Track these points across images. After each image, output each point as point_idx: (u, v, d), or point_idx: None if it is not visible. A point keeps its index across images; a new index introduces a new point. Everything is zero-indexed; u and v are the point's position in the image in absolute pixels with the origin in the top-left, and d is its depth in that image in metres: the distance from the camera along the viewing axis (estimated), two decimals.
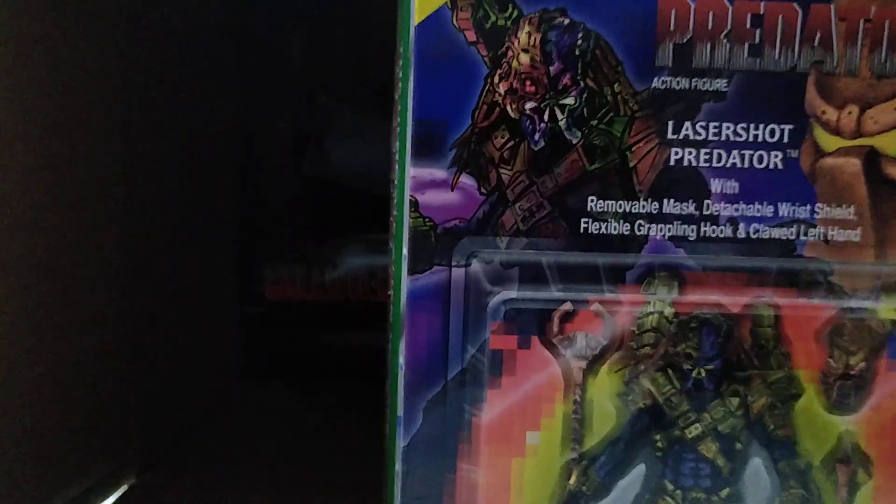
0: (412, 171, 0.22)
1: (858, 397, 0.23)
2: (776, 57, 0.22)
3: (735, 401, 0.23)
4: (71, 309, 0.29)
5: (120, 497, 0.32)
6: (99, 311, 0.31)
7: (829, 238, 0.22)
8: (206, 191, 0.40)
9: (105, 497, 0.31)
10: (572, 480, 0.23)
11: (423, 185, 0.22)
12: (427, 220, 0.22)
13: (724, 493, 0.23)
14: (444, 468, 0.23)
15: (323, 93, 0.40)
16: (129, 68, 0.32)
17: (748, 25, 0.22)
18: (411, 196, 0.22)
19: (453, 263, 0.22)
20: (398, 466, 0.23)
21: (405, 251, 0.22)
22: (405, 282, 0.22)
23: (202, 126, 0.39)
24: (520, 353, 0.22)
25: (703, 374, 0.23)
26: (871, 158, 0.22)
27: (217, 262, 0.42)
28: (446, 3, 0.21)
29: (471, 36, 0.21)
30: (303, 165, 0.45)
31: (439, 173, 0.22)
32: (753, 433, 0.23)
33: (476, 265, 0.22)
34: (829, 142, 0.22)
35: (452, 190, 0.22)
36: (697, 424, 0.23)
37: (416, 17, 0.21)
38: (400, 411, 0.22)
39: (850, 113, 0.22)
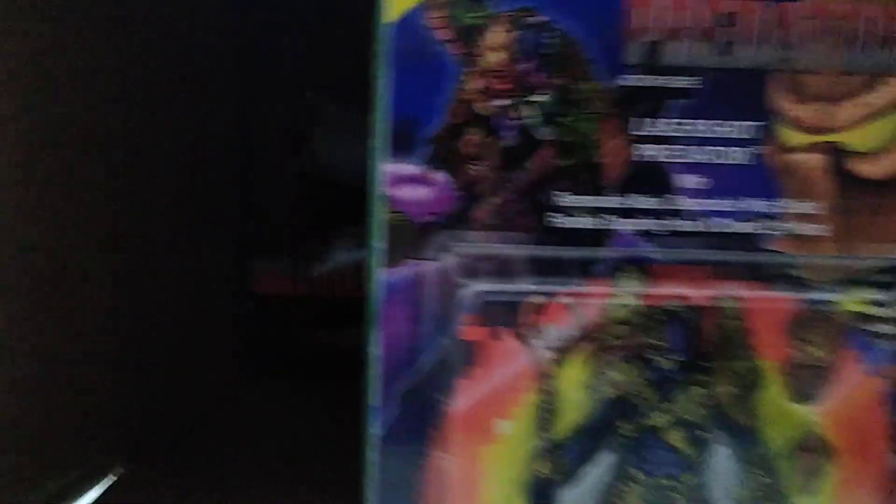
0: (387, 167, 0.22)
1: (822, 387, 0.24)
2: (743, 55, 0.22)
3: (701, 391, 0.24)
4: (59, 302, 0.30)
5: (108, 487, 0.33)
6: (87, 305, 0.31)
7: (794, 232, 0.23)
8: (196, 186, 0.41)
9: (92, 487, 0.32)
10: (542, 468, 0.24)
11: (398, 181, 0.22)
12: (401, 214, 0.22)
13: (693, 480, 0.24)
14: (418, 456, 0.23)
15: (311, 90, 0.41)
16: (122, 65, 0.32)
17: (716, 24, 0.22)
18: (386, 191, 0.22)
19: (427, 257, 0.23)
20: (372, 455, 0.23)
21: (381, 245, 0.23)
22: (380, 275, 0.23)
23: (193, 123, 0.40)
24: (491, 344, 0.23)
25: (670, 364, 0.23)
26: (836, 154, 0.23)
27: (206, 257, 0.43)
28: (419, 2, 0.22)
29: (443, 35, 0.22)
30: (293, 162, 0.45)
31: (413, 169, 0.22)
32: (719, 422, 0.24)
33: (449, 259, 0.23)
34: (794, 138, 0.23)
35: (426, 185, 0.22)
36: (664, 414, 0.24)
37: (390, 16, 0.22)
38: (374, 401, 0.23)
39: (815, 109, 0.22)
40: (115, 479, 0.34)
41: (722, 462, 0.24)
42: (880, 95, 0.23)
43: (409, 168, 0.22)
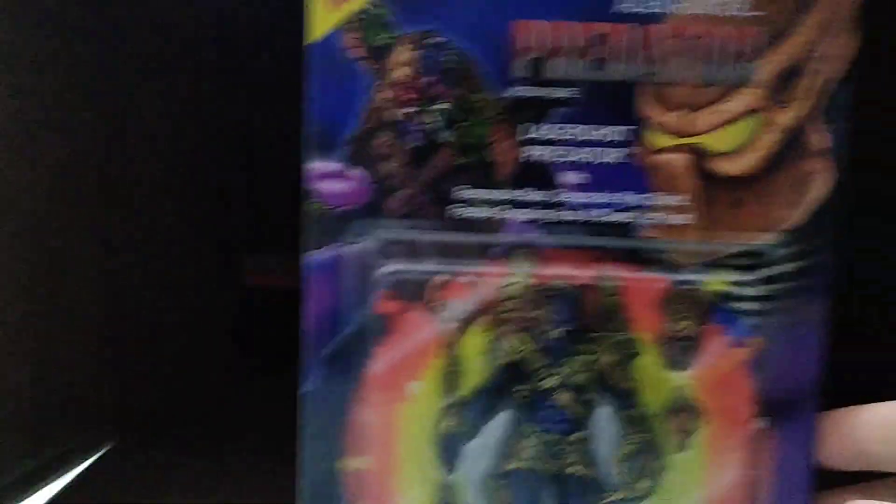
0: (310, 165, 0.26)
1: (690, 356, 0.27)
2: (614, 69, 0.26)
3: (586, 358, 0.27)
4: (54, 284, 0.33)
5: (97, 460, 0.36)
6: (83, 291, 0.35)
7: (663, 222, 0.27)
8: (191, 180, 0.44)
9: (83, 460, 0.36)
10: (446, 423, 0.28)
11: (321, 176, 0.26)
12: (322, 204, 0.27)
13: (576, 436, 0.28)
14: (340, 411, 0.27)
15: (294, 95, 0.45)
16: (118, 58, 0.35)
17: (590, 44, 0.26)
18: (309, 185, 0.26)
19: (346, 241, 0.27)
20: (302, 412, 0.28)
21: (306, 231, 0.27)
22: (307, 257, 0.27)
23: (188, 118, 0.43)
24: (403, 316, 0.27)
25: (557, 335, 0.27)
26: (698, 154, 0.26)
27: (198, 248, 0.47)
28: (336, 26, 0.26)
29: (357, 53, 0.26)
30: (280, 158, 0.50)
31: (333, 166, 0.26)
32: (603, 386, 0.28)
33: (365, 242, 0.27)
34: (661, 140, 0.26)
35: (345, 180, 0.27)
36: (555, 377, 0.28)
37: (313, 36, 0.26)
38: (303, 365, 0.27)
39: (678, 116, 0.26)
40: (105, 452, 0.37)
41: (605, 421, 0.28)
42: (735, 104, 0.26)
43: (330, 165, 0.26)
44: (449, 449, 0.28)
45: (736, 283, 0.27)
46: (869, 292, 0.40)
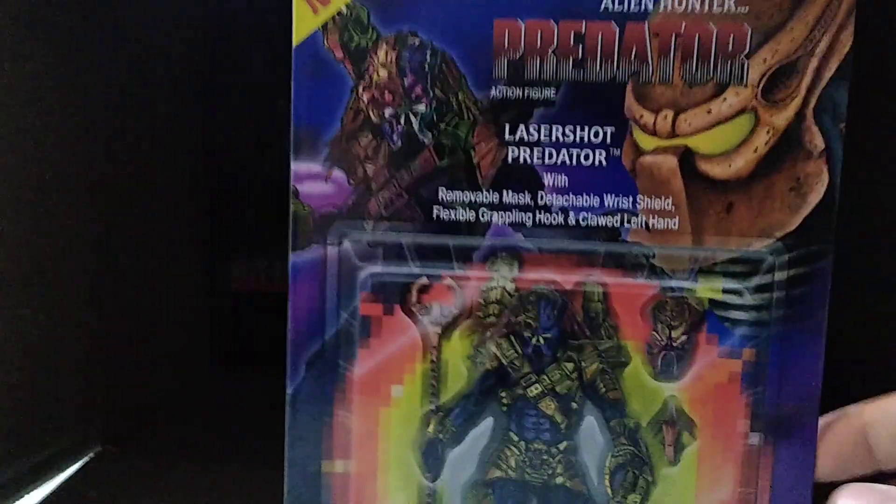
0: (294, 166, 0.27)
1: (681, 367, 0.26)
2: (598, 69, 0.26)
3: (570, 365, 0.27)
4: (42, 290, 0.33)
5: (85, 464, 0.36)
6: (71, 297, 0.35)
7: (649, 226, 0.26)
8: (174, 186, 0.45)
9: (70, 464, 0.36)
10: (431, 428, 0.27)
11: (303, 177, 0.27)
12: (306, 206, 0.27)
13: (563, 445, 0.27)
14: (324, 414, 0.27)
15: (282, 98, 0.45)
16: (95, 72, 0.36)
17: (572, 43, 0.26)
18: (293, 186, 0.27)
19: (328, 242, 0.27)
20: (286, 413, 0.28)
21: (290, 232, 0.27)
22: (291, 258, 0.27)
23: (170, 125, 0.44)
24: (385, 318, 0.27)
25: (542, 341, 0.27)
26: (686, 156, 0.26)
27: (185, 254, 0.47)
28: (318, 28, 0.26)
29: (339, 54, 0.26)
30: (264, 164, 0.50)
31: (316, 167, 0.27)
32: (587, 394, 0.27)
33: (347, 244, 0.27)
34: (647, 142, 0.26)
35: (327, 181, 0.27)
36: (537, 385, 0.27)
37: (296, 39, 0.26)
38: (288, 366, 0.27)
39: (665, 117, 0.25)
40: (91, 456, 0.37)
41: (591, 430, 0.27)
42: (724, 104, 0.25)
43: (313, 166, 0.27)
44: (432, 455, 0.28)
45: (728, 292, 0.26)
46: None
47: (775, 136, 0.25)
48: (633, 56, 0.25)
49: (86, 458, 0.37)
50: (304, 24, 0.26)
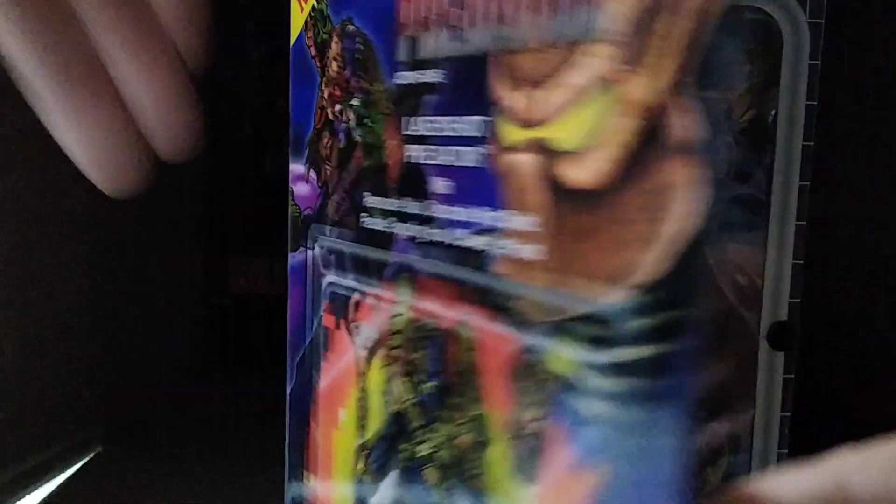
0: (291, 166, 0.27)
1: (536, 464, 0.18)
2: (471, 39, 0.19)
3: (448, 428, 0.21)
4: (37, 295, 0.33)
5: (86, 464, 0.37)
6: (66, 297, 0.35)
7: (512, 253, 0.19)
8: (173, 189, 0.43)
9: (72, 464, 0.37)
10: (360, 465, 0.24)
11: (295, 178, 0.27)
12: (297, 207, 0.27)
13: None
14: (305, 422, 0.27)
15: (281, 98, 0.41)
16: None
17: (449, 6, 0.20)
18: (291, 187, 0.27)
19: (309, 246, 0.26)
20: (286, 413, 0.28)
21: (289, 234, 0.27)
22: (289, 260, 0.27)
23: None
24: (336, 332, 0.25)
25: (429, 389, 0.21)
26: (545, 154, 0.18)
27: (184, 256, 0.45)
28: (303, 26, 0.26)
29: (312, 51, 0.26)
30: (264, 165, 0.46)
31: (300, 168, 0.26)
32: (460, 473, 0.20)
33: (316, 249, 0.26)
34: (511, 133, 0.18)
35: (306, 182, 0.26)
36: (427, 444, 0.22)
37: (292, 38, 0.26)
38: (288, 365, 0.28)
39: (524, 95, 0.18)
40: (91, 457, 0.37)
41: None
42: (580, 72, 0.17)
43: (299, 167, 0.27)
44: (361, 494, 0.24)
45: (585, 365, 0.17)
46: None
47: (638, 119, 0.15)
48: (498, 16, 0.19)
49: (86, 459, 0.38)
50: (295, 22, 0.26)
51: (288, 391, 0.27)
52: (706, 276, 0.15)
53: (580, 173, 0.17)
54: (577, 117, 0.17)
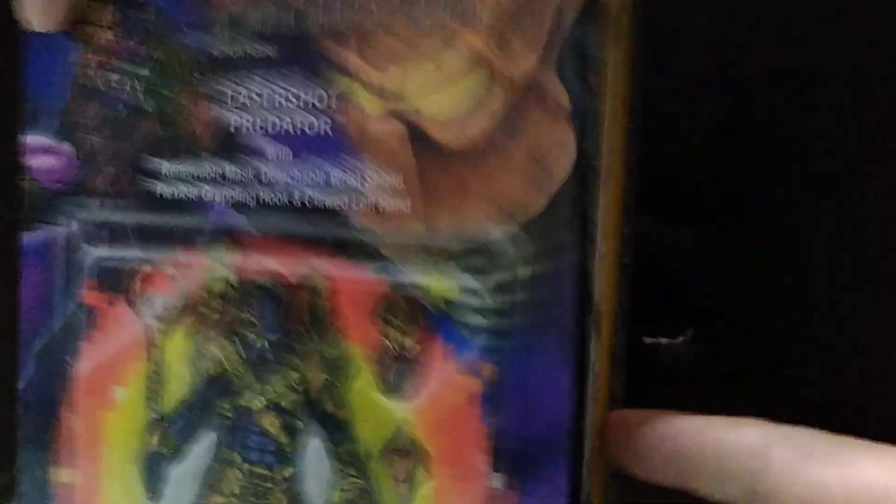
0: (24, 138, 0.25)
1: (413, 383, 0.22)
2: (318, 17, 0.22)
3: (295, 375, 0.23)
4: None
5: None
6: None
7: (379, 208, 0.22)
8: None
9: None
10: (153, 440, 0.25)
11: (33, 151, 0.25)
12: (36, 182, 0.25)
13: (287, 472, 0.23)
14: (51, 415, 0.25)
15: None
16: None
17: None
18: (24, 160, 0.25)
19: (55, 222, 0.25)
20: (19, 408, 0.26)
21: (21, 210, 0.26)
22: (21, 239, 0.26)
23: None
24: (109, 309, 0.25)
25: (266, 344, 0.23)
26: (415, 121, 0.22)
27: None
28: None
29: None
30: None
31: (45, 140, 0.25)
32: (312, 412, 0.23)
33: (73, 224, 0.25)
34: (373, 105, 0.22)
35: (55, 155, 0.25)
36: (261, 397, 0.24)
37: None
38: (19, 359, 0.26)
39: (389, 73, 0.22)
40: None
41: (315, 456, 0.23)
42: (451, 56, 0.21)
43: (40, 139, 0.25)
44: (154, 471, 0.25)
45: (465, 291, 0.22)
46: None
47: (513, 94, 0.21)
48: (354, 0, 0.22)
49: None
50: None
51: (21, 384, 0.26)
52: (574, 212, 0.21)
53: (453, 138, 0.21)
54: (449, 92, 0.21)
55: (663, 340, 0.29)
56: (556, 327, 0.21)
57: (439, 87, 0.21)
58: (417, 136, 0.22)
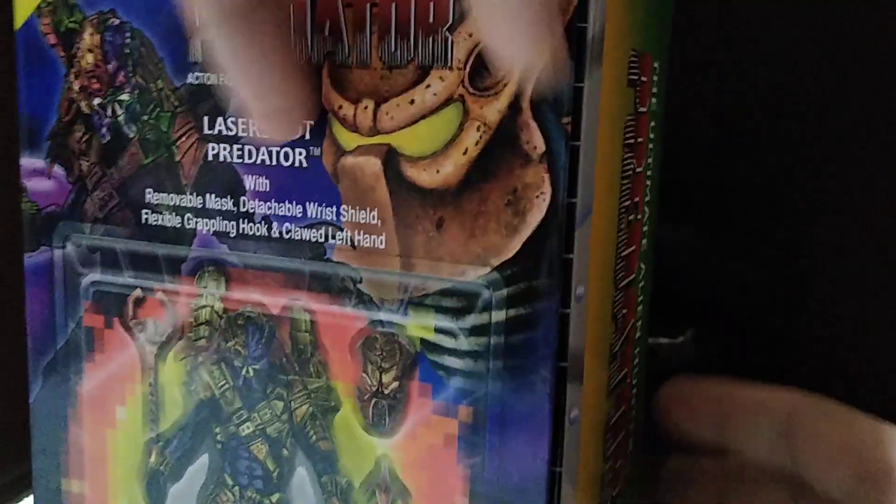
0: (21, 161, 0.26)
1: (393, 420, 0.22)
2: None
3: (280, 404, 0.23)
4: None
5: None
6: None
7: (355, 243, 0.22)
8: None
9: None
10: (152, 459, 0.25)
11: (29, 174, 0.26)
12: (34, 204, 0.26)
13: (275, 497, 0.24)
14: (60, 428, 0.26)
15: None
16: None
17: None
18: (23, 182, 0.26)
19: (54, 245, 0.26)
20: (31, 423, 0.27)
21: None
22: (25, 259, 0.26)
23: None
24: (106, 332, 0.25)
25: (252, 372, 0.24)
26: (390, 158, 0.21)
27: None
28: (35, 11, 0.25)
29: (51, 39, 0.25)
30: None
31: (39, 163, 0.25)
32: (298, 441, 0.23)
33: (70, 247, 0.25)
34: (348, 139, 0.21)
35: (49, 178, 0.25)
36: (249, 423, 0.24)
37: (17, 23, 0.25)
38: (30, 374, 0.27)
39: (365, 108, 0.21)
40: None
41: (302, 484, 0.23)
42: (425, 92, 0.20)
43: (36, 162, 0.25)
44: (155, 488, 0.25)
45: (441, 332, 0.21)
46: None
47: (487, 133, 0.20)
48: (327, 32, 0.21)
49: None
50: (22, 4, 0.25)
51: (32, 397, 0.27)
52: (548, 255, 0.20)
53: (429, 177, 0.21)
54: (425, 129, 0.21)
55: (663, 340, 0.29)
56: (531, 373, 0.20)
57: (413, 124, 0.21)
58: (392, 173, 0.21)
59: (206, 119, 0.23)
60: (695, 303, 0.28)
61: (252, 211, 0.23)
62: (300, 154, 0.22)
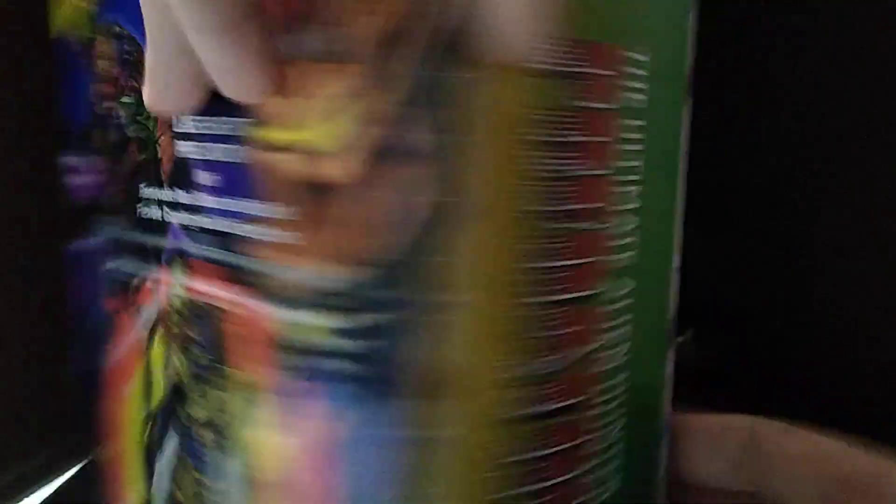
0: (63, 158, 0.29)
1: (291, 419, 0.22)
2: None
3: (222, 395, 0.24)
4: (37, 293, 0.33)
5: (79, 471, 0.35)
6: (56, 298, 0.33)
7: (272, 239, 0.22)
8: None
9: (72, 465, 0.35)
10: (146, 433, 0.27)
11: (69, 169, 0.29)
12: (71, 197, 0.29)
13: (219, 486, 0.25)
14: (94, 397, 0.29)
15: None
16: None
17: None
18: (64, 177, 0.29)
19: (85, 235, 0.29)
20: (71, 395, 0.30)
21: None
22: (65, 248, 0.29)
23: None
24: (119, 315, 0.28)
25: (206, 362, 0.25)
26: (307, 154, 0.21)
27: None
28: (67, 22, 0.28)
29: (76, 47, 0.28)
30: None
31: (76, 159, 0.29)
32: (231, 434, 0.24)
33: (96, 238, 0.28)
34: (273, 134, 0.22)
35: (82, 173, 0.28)
36: (204, 411, 0.25)
37: (53, 31, 0.28)
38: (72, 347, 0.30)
39: (288, 103, 0.21)
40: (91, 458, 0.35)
41: (234, 477, 0.24)
42: (335, 86, 0.20)
43: (72, 159, 0.29)
44: (150, 460, 0.27)
45: (334, 332, 0.21)
46: None
47: (383, 130, 0.19)
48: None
49: (86, 460, 0.36)
50: (56, 15, 0.28)
51: (73, 370, 0.30)
52: (427, 257, 0.19)
53: (335, 172, 0.20)
54: (333, 124, 0.20)
55: None
56: (396, 385, 0.19)
57: (325, 120, 0.21)
58: (308, 169, 0.21)
59: (176, 119, 0.25)
60: (695, 303, 0.25)
61: (206, 206, 0.24)
62: (239, 150, 0.23)
